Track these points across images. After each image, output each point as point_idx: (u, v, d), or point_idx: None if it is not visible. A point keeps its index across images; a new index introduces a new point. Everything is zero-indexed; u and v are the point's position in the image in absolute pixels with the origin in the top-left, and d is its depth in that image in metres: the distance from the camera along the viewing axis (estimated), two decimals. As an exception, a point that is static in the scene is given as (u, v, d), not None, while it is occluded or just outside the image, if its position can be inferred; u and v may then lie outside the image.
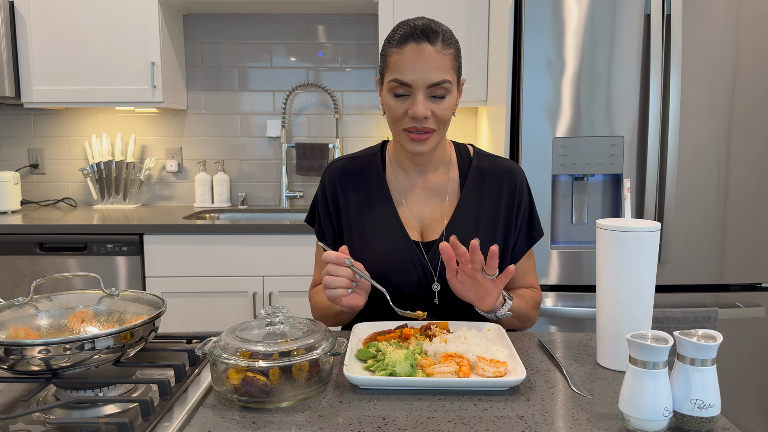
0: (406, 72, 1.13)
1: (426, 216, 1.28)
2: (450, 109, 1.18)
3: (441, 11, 2.53)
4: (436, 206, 1.28)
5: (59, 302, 1.02)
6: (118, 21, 2.58)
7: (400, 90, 1.15)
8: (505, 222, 1.27)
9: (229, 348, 0.86)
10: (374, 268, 1.20)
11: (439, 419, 0.80)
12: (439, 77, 1.13)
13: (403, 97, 1.16)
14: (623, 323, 0.95)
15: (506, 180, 1.29)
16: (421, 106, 1.13)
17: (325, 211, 1.32)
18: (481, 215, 1.26)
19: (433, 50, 1.13)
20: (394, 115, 1.18)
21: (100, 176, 2.91)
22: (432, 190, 1.29)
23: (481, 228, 1.25)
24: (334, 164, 1.34)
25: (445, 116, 1.17)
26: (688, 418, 0.76)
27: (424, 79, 1.13)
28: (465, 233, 1.23)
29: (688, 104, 2.01)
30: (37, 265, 2.41)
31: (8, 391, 0.90)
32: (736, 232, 2.08)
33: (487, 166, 1.31)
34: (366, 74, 2.98)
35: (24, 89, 2.60)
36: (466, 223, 1.26)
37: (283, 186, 2.98)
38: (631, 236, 0.92)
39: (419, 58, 1.12)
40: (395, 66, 1.15)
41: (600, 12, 1.99)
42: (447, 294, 1.21)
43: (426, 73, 1.13)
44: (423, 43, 1.13)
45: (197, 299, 2.43)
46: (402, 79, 1.14)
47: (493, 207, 1.27)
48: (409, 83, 1.13)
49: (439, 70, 1.13)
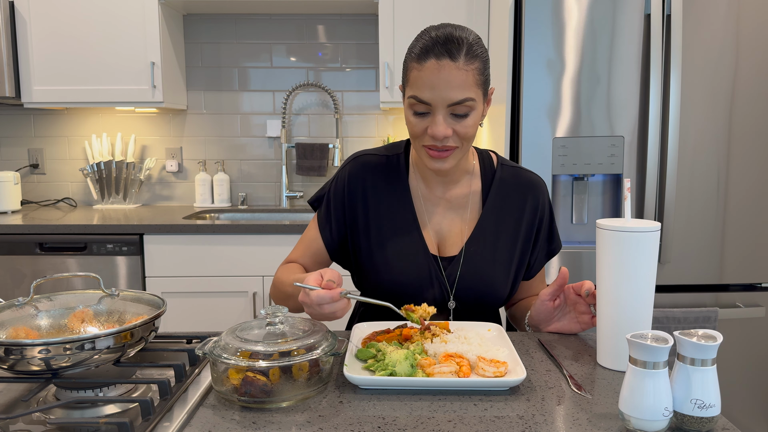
0: (425, 90, 1.06)
1: (445, 229, 1.24)
2: (473, 126, 1.10)
3: (441, 11, 2.53)
4: (456, 219, 1.24)
5: (59, 302, 1.02)
6: (118, 21, 2.58)
7: (419, 108, 1.09)
8: (524, 238, 1.24)
9: (229, 348, 0.86)
10: (389, 278, 1.19)
11: (439, 419, 0.80)
12: (461, 96, 1.06)
13: (423, 114, 1.09)
14: (623, 323, 0.94)
15: (530, 196, 1.25)
16: (441, 126, 1.07)
17: (339, 203, 1.25)
18: (502, 232, 1.23)
19: (455, 67, 1.04)
20: (414, 132, 1.12)
21: (100, 176, 2.91)
22: (453, 203, 1.24)
23: (501, 245, 1.22)
24: (361, 158, 1.27)
25: (467, 134, 1.10)
26: (688, 418, 0.76)
27: (444, 98, 1.06)
28: (484, 250, 1.21)
29: (688, 104, 2.02)
30: (37, 265, 2.41)
31: (8, 391, 0.90)
32: (736, 232, 2.08)
33: (510, 179, 1.26)
34: (366, 74, 2.98)
35: (24, 89, 2.60)
36: (485, 240, 1.22)
37: (283, 186, 2.98)
38: (631, 236, 0.92)
39: (439, 75, 1.05)
40: (414, 82, 1.08)
41: (600, 12, 1.99)
42: (462, 311, 1.22)
43: (446, 91, 1.05)
44: (443, 59, 1.04)
45: (197, 299, 2.43)
46: (421, 97, 1.07)
47: (514, 223, 1.24)
48: (428, 102, 1.07)
49: (460, 88, 1.05)
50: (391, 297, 1.15)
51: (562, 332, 1.15)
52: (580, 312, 1.12)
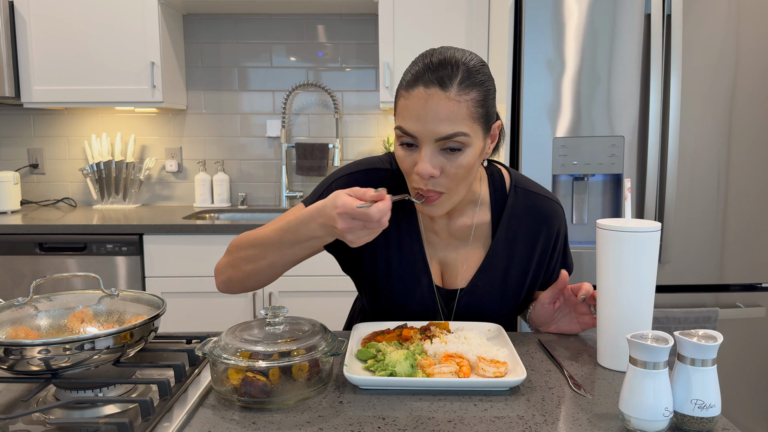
0: (411, 121, 0.96)
1: (449, 260, 1.16)
2: (467, 167, 0.98)
3: (441, 11, 2.53)
4: (461, 250, 1.16)
5: (59, 302, 1.02)
6: (118, 21, 2.58)
7: (405, 139, 0.98)
8: (536, 267, 1.18)
9: (229, 348, 0.86)
10: (390, 303, 1.16)
11: (439, 419, 0.80)
12: (450, 130, 0.94)
13: (412, 147, 0.99)
14: (623, 323, 0.94)
15: (545, 228, 1.16)
16: (425, 163, 0.96)
17: None
18: (512, 265, 1.16)
19: (444, 97, 0.94)
20: (403, 167, 1.02)
21: (100, 176, 2.91)
22: (456, 236, 1.16)
23: (510, 278, 1.16)
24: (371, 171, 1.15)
25: (458, 175, 0.98)
26: (689, 418, 0.76)
27: (431, 132, 0.95)
28: (492, 284, 1.15)
29: (688, 104, 2.01)
30: (36, 265, 2.41)
31: (8, 391, 0.90)
32: (736, 232, 2.08)
33: (524, 207, 1.16)
34: (366, 74, 2.98)
35: (24, 89, 2.60)
36: (494, 274, 1.15)
37: (283, 186, 2.98)
38: (632, 236, 0.92)
39: (426, 106, 0.94)
40: (401, 112, 0.98)
41: (600, 12, 1.99)
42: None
43: (433, 124, 0.94)
44: (432, 87, 0.94)
45: (197, 299, 2.43)
46: (406, 129, 0.97)
47: (526, 255, 1.16)
48: (413, 134, 0.96)
49: (450, 121, 0.94)
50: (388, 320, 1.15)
51: (563, 333, 1.16)
52: (580, 313, 1.12)
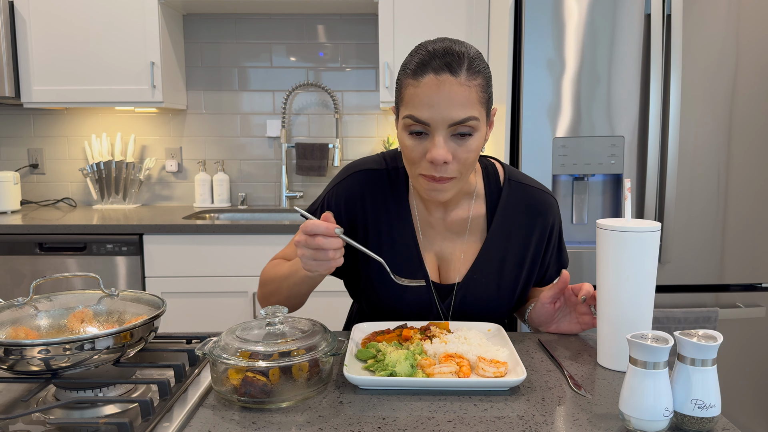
0: (423, 108, 0.97)
1: (446, 253, 1.17)
2: (476, 150, 1.01)
3: (441, 11, 2.53)
4: (457, 243, 1.17)
5: (59, 302, 1.01)
6: (118, 21, 2.58)
7: (416, 127, 0.99)
8: (531, 260, 1.19)
9: (229, 348, 0.86)
10: (386, 301, 1.16)
11: (439, 419, 0.80)
12: (463, 114, 0.97)
13: (421, 135, 1.00)
14: (623, 323, 0.94)
15: (539, 219, 1.18)
16: (440, 149, 0.97)
17: (336, 216, 1.15)
18: (507, 257, 1.17)
19: (456, 82, 0.96)
20: (411, 157, 1.02)
21: (100, 176, 2.91)
22: (453, 227, 1.17)
23: (506, 271, 1.17)
24: (359, 173, 1.18)
25: (468, 160, 1.01)
26: (689, 418, 0.76)
27: (444, 117, 0.96)
28: (488, 278, 1.16)
29: (688, 104, 2.01)
30: (36, 265, 2.41)
31: (8, 391, 0.90)
32: (736, 232, 2.08)
33: (518, 199, 1.18)
34: (366, 74, 2.98)
35: (24, 89, 2.60)
36: (490, 267, 1.16)
37: (283, 186, 2.98)
38: (632, 236, 0.92)
39: (438, 92, 0.96)
40: (410, 101, 0.99)
41: (600, 12, 1.99)
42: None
43: (446, 110, 0.96)
44: (443, 73, 0.96)
45: (197, 299, 2.43)
46: (418, 117, 0.98)
47: (521, 248, 1.17)
48: (426, 121, 0.98)
49: (462, 105, 0.96)
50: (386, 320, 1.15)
51: (563, 333, 1.15)
52: (580, 313, 1.12)
